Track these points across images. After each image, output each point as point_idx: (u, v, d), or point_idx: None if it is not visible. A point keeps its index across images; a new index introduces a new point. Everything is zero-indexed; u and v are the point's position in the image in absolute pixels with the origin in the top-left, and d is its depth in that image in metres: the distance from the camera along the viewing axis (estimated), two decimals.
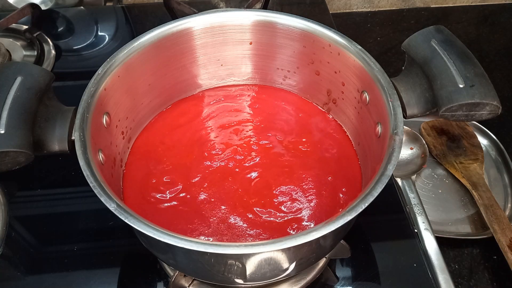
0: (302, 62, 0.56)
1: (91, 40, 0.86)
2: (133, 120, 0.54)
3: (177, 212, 0.48)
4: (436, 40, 0.45)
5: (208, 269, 0.42)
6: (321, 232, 0.35)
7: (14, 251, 0.57)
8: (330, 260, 0.56)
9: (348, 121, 0.55)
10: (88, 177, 0.38)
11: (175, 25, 0.52)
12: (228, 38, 0.56)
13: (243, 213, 0.48)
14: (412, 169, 0.71)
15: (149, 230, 0.35)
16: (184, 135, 0.56)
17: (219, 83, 0.61)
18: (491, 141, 0.76)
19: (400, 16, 1.05)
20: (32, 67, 0.43)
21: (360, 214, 0.36)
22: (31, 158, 0.40)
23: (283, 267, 0.42)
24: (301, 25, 0.52)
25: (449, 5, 1.06)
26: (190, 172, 0.52)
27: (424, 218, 0.62)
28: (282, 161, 0.53)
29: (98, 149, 0.44)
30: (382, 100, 0.45)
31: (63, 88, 0.75)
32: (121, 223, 0.36)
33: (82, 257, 0.56)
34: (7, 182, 0.63)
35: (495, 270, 0.63)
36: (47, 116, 0.42)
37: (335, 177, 0.51)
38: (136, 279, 0.55)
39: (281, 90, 0.60)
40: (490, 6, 1.07)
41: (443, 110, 0.42)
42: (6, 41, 0.82)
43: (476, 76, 0.42)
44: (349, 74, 0.51)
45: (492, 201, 0.65)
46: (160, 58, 0.53)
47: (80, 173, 0.38)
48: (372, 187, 0.38)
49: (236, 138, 0.55)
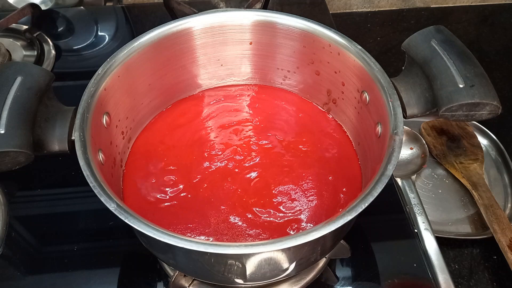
0: (302, 62, 0.56)
1: (91, 40, 0.86)
2: (133, 120, 0.54)
3: (177, 212, 0.48)
4: (436, 40, 0.45)
5: (208, 269, 0.42)
6: (321, 232, 0.35)
7: (14, 251, 0.57)
8: (330, 260, 0.56)
9: (348, 121, 0.55)
10: (88, 177, 0.38)
11: (175, 25, 0.52)
12: (228, 38, 0.56)
13: (243, 213, 0.48)
14: (412, 169, 0.71)
15: (149, 230, 0.35)
16: (184, 135, 0.56)
17: (219, 83, 0.61)
18: (491, 141, 0.76)
19: (400, 16, 1.04)
20: (32, 67, 0.43)
21: (360, 214, 0.36)
22: (31, 158, 0.40)
23: (283, 267, 0.42)
24: (301, 25, 0.52)
25: (449, 5, 1.06)
26: (190, 172, 0.52)
27: (424, 218, 0.62)
28: (281, 161, 0.53)
29: (98, 149, 0.44)
30: (382, 100, 0.45)
31: (63, 88, 0.75)
32: (121, 223, 0.36)
33: (82, 257, 0.56)
34: (7, 182, 0.63)
35: (495, 270, 0.63)
36: (47, 116, 0.42)
37: (335, 177, 0.51)
38: (136, 279, 0.55)
39: (281, 90, 0.61)
40: (490, 6, 1.07)
41: (443, 110, 0.42)
42: (6, 41, 0.82)
43: (476, 76, 0.42)
44: (349, 74, 0.51)
45: (492, 201, 0.65)
46: (160, 58, 0.53)
47: (80, 173, 0.38)
48: (372, 187, 0.38)
49: (235, 138, 0.55)
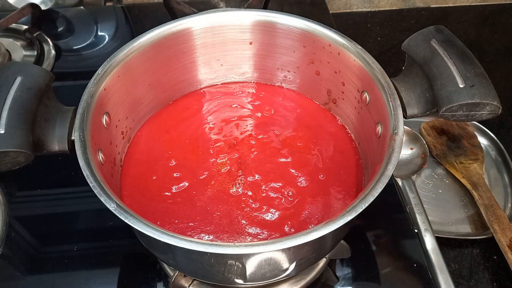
0: (302, 62, 0.56)
1: (91, 40, 0.86)
2: (133, 120, 0.54)
3: (177, 209, 0.48)
4: (436, 40, 0.45)
5: (208, 269, 0.42)
6: (321, 232, 0.35)
7: (14, 251, 0.57)
8: (330, 260, 0.56)
9: (348, 121, 0.55)
10: (88, 177, 0.38)
11: (175, 25, 0.52)
12: (228, 38, 0.56)
13: (242, 209, 0.48)
14: (412, 169, 0.71)
15: (149, 230, 0.35)
16: (182, 133, 0.56)
17: (219, 82, 0.61)
18: (491, 141, 0.76)
19: (400, 16, 1.04)
20: (32, 67, 0.43)
21: (360, 214, 0.36)
22: (31, 158, 0.40)
23: (283, 267, 0.42)
24: (301, 25, 0.52)
25: (449, 5, 1.06)
26: (188, 168, 0.52)
27: (424, 218, 0.62)
28: (281, 158, 0.53)
29: (98, 149, 0.44)
30: (382, 100, 0.45)
31: (63, 88, 0.75)
32: (121, 223, 0.36)
33: (82, 257, 0.56)
34: (7, 182, 0.63)
35: (495, 270, 0.63)
36: (47, 116, 0.42)
37: (335, 176, 0.51)
38: (136, 279, 0.55)
39: (281, 88, 0.60)
40: (490, 6, 1.07)
41: (443, 110, 0.42)
42: (6, 41, 0.82)
43: (476, 76, 0.42)
44: (349, 74, 0.51)
45: (492, 201, 0.65)
46: (160, 58, 0.53)
47: (80, 173, 0.38)
48: (372, 187, 0.38)
49: (235, 135, 0.55)
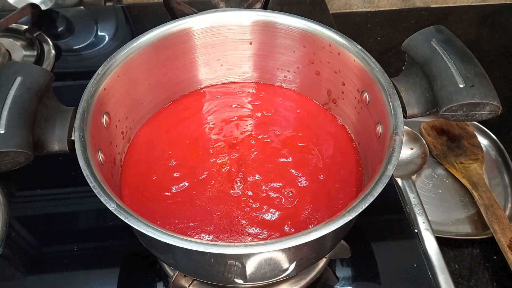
0: (302, 62, 0.56)
1: (91, 40, 0.86)
2: (133, 120, 0.54)
3: (177, 209, 0.48)
4: (436, 40, 0.45)
5: (208, 269, 0.42)
6: (321, 232, 0.35)
7: (14, 251, 0.57)
8: (330, 260, 0.56)
9: (348, 121, 0.55)
10: (88, 177, 0.38)
11: (175, 25, 0.52)
12: (228, 38, 0.56)
13: (242, 209, 0.48)
14: (412, 169, 0.71)
15: (149, 230, 0.35)
16: (182, 133, 0.56)
17: (219, 82, 0.61)
18: (491, 141, 0.76)
19: (400, 16, 1.04)
20: (32, 67, 0.43)
21: (360, 214, 0.36)
22: (31, 158, 0.40)
23: (283, 267, 0.42)
24: (301, 25, 0.52)
25: (449, 5, 1.06)
26: (188, 168, 0.52)
27: (424, 218, 0.62)
28: (281, 158, 0.53)
29: (98, 149, 0.44)
30: (382, 100, 0.45)
31: (63, 88, 0.75)
32: (121, 223, 0.36)
33: (82, 257, 0.56)
34: (7, 182, 0.63)
35: (495, 270, 0.63)
36: (47, 116, 0.42)
37: (335, 176, 0.51)
38: (136, 279, 0.55)
39: (281, 88, 0.60)
40: (490, 6, 1.07)
41: (443, 110, 0.42)
42: (6, 41, 0.82)
43: (476, 76, 0.42)
44: (349, 74, 0.51)
45: (492, 201, 0.65)
46: (160, 58, 0.53)
47: (80, 173, 0.38)
48: (372, 187, 0.38)
49: (235, 135, 0.55)
